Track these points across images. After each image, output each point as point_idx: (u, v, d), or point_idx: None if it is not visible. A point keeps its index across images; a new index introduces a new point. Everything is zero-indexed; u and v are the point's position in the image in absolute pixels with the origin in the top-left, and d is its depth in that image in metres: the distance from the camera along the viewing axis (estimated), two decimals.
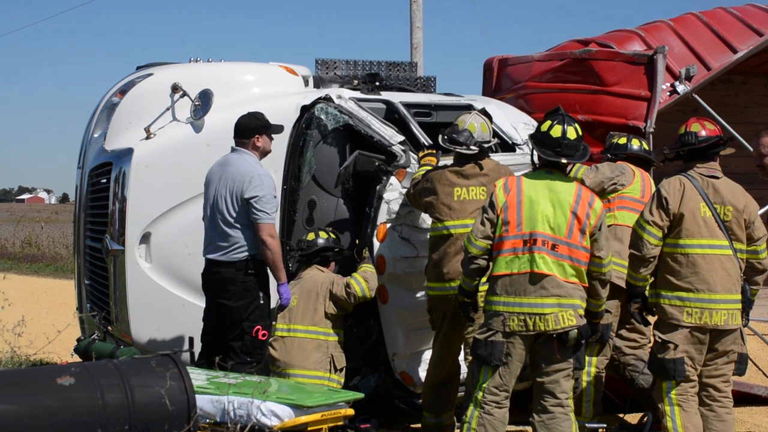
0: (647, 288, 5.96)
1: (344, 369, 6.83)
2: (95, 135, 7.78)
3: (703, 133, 5.96)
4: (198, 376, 5.61)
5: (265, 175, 6.51)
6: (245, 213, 6.42)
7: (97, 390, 3.67)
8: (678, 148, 6.01)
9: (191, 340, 6.81)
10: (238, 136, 6.62)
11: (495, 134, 7.27)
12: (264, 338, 6.53)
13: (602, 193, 6.62)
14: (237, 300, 6.45)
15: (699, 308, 5.72)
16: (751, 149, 6.65)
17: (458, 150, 6.51)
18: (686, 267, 5.77)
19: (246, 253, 6.46)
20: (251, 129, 6.59)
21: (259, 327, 6.47)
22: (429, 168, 6.72)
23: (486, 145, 6.55)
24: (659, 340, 5.82)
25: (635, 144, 7.15)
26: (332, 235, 7.05)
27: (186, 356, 6.65)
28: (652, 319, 6.10)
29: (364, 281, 6.72)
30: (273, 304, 6.73)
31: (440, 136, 6.62)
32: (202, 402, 5.22)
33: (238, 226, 6.45)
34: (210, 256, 6.55)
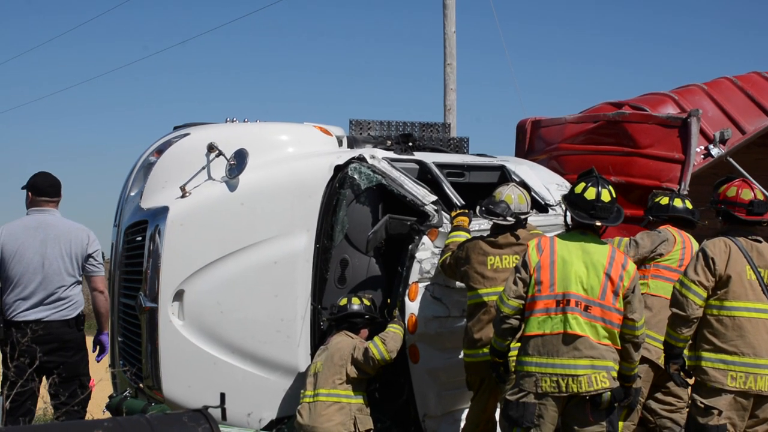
0: (686, 350, 5.88)
1: (371, 431, 6.76)
2: (132, 193, 7.84)
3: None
4: None
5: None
6: (80, 269, 6.65)
7: None
8: (754, 213, 5.85)
9: (222, 396, 6.80)
10: (50, 195, 6.73)
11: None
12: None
13: (642, 262, 6.56)
14: (73, 356, 6.78)
15: (744, 372, 5.63)
16: None
17: (495, 221, 6.54)
18: (732, 330, 5.69)
19: (79, 310, 6.73)
20: (59, 188, 6.76)
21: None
22: (456, 234, 6.80)
23: (522, 216, 6.57)
24: (701, 405, 5.70)
25: (678, 204, 7.04)
26: (366, 302, 6.99)
27: (217, 413, 6.63)
28: (689, 381, 6.01)
29: (382, 344, 6.65)
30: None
31: (478, 208, 6.68)
32: None
33: (74, 283, 6.69)
34: (43, 317, 6.62)
